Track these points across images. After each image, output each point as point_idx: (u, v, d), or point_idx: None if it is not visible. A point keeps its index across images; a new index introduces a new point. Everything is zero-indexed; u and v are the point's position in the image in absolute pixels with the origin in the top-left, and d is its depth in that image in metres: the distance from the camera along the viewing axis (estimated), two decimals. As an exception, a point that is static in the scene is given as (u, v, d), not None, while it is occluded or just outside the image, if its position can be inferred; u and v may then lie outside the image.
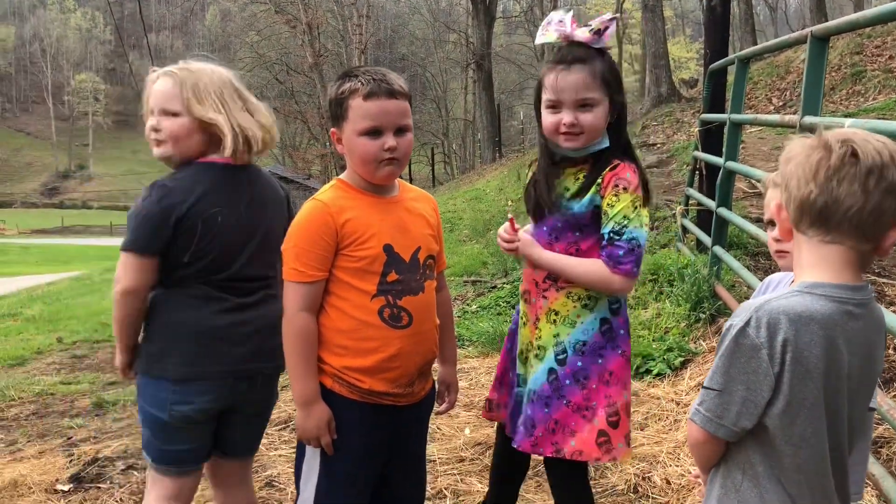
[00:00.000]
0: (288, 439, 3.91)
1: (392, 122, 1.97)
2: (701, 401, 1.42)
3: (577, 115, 2.11)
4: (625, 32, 43.69)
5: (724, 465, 1.48)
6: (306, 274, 1.97)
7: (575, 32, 2.13)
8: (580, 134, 2.13)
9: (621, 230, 2.07)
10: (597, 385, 2.15)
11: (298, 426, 2.02)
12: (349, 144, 2.00)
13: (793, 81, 13.40)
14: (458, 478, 3.33)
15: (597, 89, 2.11)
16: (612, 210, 2.08)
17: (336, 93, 2.01)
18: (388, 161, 1.98)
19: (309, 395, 1.99)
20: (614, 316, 2.19)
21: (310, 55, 30.02)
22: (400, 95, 1.98)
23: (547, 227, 2.23)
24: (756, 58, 5.32)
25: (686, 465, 3.26)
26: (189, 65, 2.24)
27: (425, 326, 2.09)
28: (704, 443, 1.45)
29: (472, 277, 7.98)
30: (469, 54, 30.97)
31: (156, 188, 2.15)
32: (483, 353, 5.35)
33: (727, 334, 1.38)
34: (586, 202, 2.12)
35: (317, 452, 2.03)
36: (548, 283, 2.22)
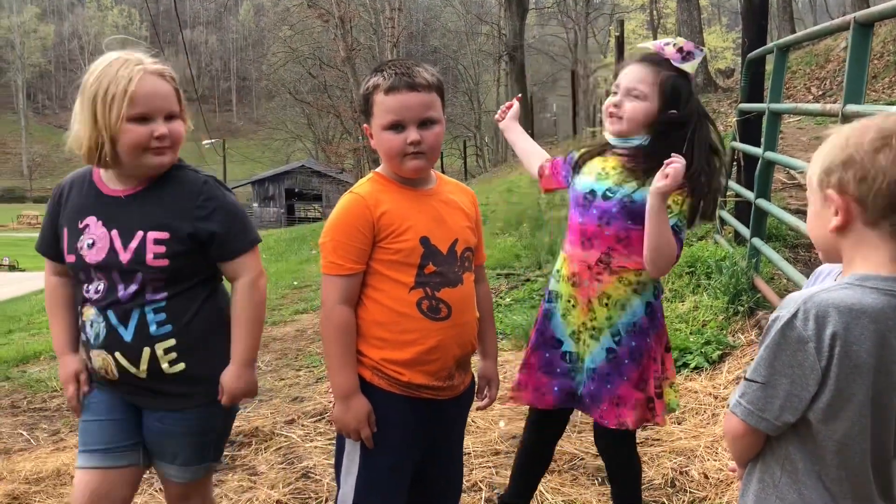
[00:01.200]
0: (323, 431, 3.94)
1: (414, 115, 1.96)
2: (742, 392, 1.39)
3: (623, 100, 2.34)
4: (659, 23, 43.20)
5: (761, 460, 1.46)
6: (344, 267, 1.98)
7: (666, 49, 2.35)
8: (620, 118, 2.35)
9: (681, 225, 2.27)
10: (647, 362, 2.38)
11: (337, 419, 2.02)
12: (377, 139, 2.02)
13: (832, 70, 13.13)
14: (493, 470, 3.32)
15: (649, 87, 2.32)
16: (675, 205, 2.25)
17: (363, 89, 2.04)
18: (413, 155, 1.98)
19: (347, 388, 1.99)
20: (655, 300, 2.42)
21: (342, 49, 30.16)
22: (422, 88, 1.96)
23: (597, 211, 2.35)
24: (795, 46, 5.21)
25: (724, 459, 3.22)
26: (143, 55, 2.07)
27: (464, 318, 2.08)
28: (743, 436, 1.42)
29: (505, 270, 7.95)
30: (501, 46, 30.87)
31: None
32: (517, 347, 5.32)
33: (773, 326, 1.35)
34: (643, 193, 2.26)
35: (357, 446, 2.03)
36: (600, 267, 2.35)
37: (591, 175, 2.42)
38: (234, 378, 2.13)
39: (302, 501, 3.17)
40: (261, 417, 4.23)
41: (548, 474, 3.27)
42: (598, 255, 2.35)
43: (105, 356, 2.08)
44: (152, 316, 2.06)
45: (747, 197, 5.38)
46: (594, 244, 2.36)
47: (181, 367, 2.09)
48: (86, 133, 2.00)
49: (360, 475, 2.03)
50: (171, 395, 2.12)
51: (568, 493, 3.09)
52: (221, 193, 2.14)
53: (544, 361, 2.50)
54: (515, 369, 4.65)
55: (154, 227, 2.05)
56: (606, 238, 2.34)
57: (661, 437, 3.57)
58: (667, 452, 3.37)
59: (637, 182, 2.31)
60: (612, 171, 2.38)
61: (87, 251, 2.06)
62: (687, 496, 3.02)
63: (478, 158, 45.43)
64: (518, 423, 3.81)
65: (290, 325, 7.64)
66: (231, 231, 2.11)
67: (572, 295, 2.43)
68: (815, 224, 1.46)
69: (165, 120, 2.05)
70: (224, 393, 2.14)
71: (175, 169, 2.13)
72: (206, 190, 2.10)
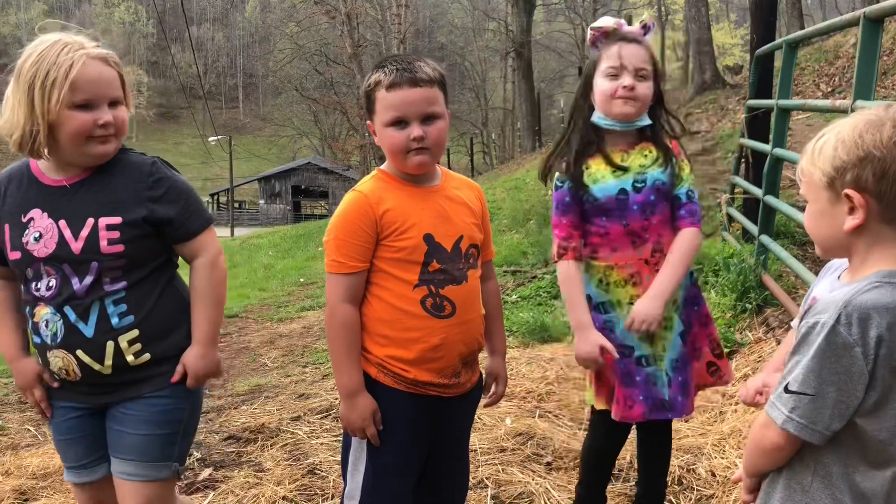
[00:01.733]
0: (329, 427, 3.93)
1: (416, 111, 1.94)
2: (792, 407, 1.33)
3: (635, 82, 2.29)
4: (667, 19, 43.06)
5: (788, 468, 1.42)
6: (346, 265, 1.97)
7: (633, 28, 2.38)
8: (636, 100, 2.30)
9: (693, 190, 2.37)
10: (698, 329, 2.45)
11: (343, 417, 2.02)
12: (380, 136, 2.00)
13: (842, 67, 13.05)
14: (499, 468, 3.31)
15: (649, 65, 2.33)
16: (684, 173, 2.36)
17: (365, 86, 2.02)
18: (416, 151, 1.96)
19: (352, 386, 1.99)
20: (695, 270, 2.50)
21: (349, 45, 30.13)
22: (425, 83, 1.94)
23: (637, 206, 2.33)
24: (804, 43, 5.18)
25: (731, 457, 3.20)
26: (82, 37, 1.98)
27: (469, 316, 2.07)
28: (784, 448, 1.38)
29: (511, 267, 7.94)
30: (509, 42, 30.83)
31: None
32: (523, 344, 5.31)
33: (812, 333, 1.31)
34: (667, 173, 2.35)
35: (363, 443, 2.03)
36: (657, 256, 2.35)
37: (605, 178, 2.34)
38: (196, 358, 2.08)
39: (308, 498, 3.16)
40: (267, 414, 4.23)
41: (554, 471, 3.27)
42: (652, 246, 2.34)
43: (65, 356, 1.99)
44: (113, 308, 1.98)
45: (755, 194, 5.36)
46: (645, 238, 2.34)
47: (146, 357, 2.03)
48: (20, 120, 1.90)
49: (366, 472, 2.03)
50: (134, 383, 2.05)
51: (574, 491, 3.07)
52: (171, 174, 2.08)
53: (622, 374, 2.35)
54: (522, 366, 4.68)
55: (105, 212, 1.96)
56: (655, 227, 2.34)
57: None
58: (674, 450, 3.35)
59: (658, 162, 2.35)
60: (622, 163, 2.34)
61: (35, 245, 1.96)
62: (694, 494, 3.01)
63: (484, 155, 45.40)
64: (525, 420, 3.80)
65: (296, 321, 7.65)
66: (187, 210, 2.06)
67: (635, 295, 2.34)
68: (822, 223, 1.43)
69: (110, 106, 1.95)
70: (188, 374, 2.07)
71: (119, 153, 2.05)
72: (155, 171, 2.04)
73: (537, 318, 5.55)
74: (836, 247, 1.43)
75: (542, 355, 4.89)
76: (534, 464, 3.35)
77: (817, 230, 1.45)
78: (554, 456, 3.41)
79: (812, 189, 1.43)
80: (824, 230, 1.43)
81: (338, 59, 36.33)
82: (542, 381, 4.35)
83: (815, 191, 1.42)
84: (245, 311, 8.62)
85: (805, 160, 1.44)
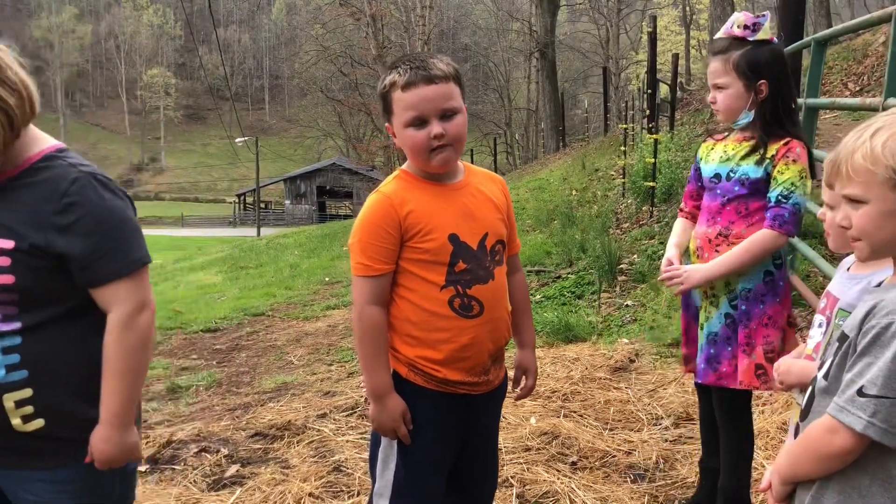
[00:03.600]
0: (355, 425, 3.96)
1: (435, 108, 1.92)
2: (874, 412, 1.27)
3: (715, 94, 2.55)
4: (692, 18, 42.71)
5: (840, 472, 1.38)
6: (372, 268, 1.96)
7: (733, 29, 2.50)
8: (718, 110, 2.56)
9: (789, 195, 2.41)
10: (756, 326, 2.50)
11: (373, 420, 2.02)
12: (400, 137, 1.99)
13: (871, 66, 12.86)
14: (524, 466, 3.31)
15: (726, 75, 2.49)
16: (782, 177, 2.42)
17: (380, 88, 2.00)
18: (438, 149, 1.95)
19: (381, 388, 1.99)
20: (777, 269, 2.53)
21: (373, 47, 30.28)
22: (440, 79, 1.92)
23: (721, 191, 2.55)
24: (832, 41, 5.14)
25: (759, 458, 3.18)
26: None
27: (497, 314, 2.07)
28: (854, 454, 1.33)
29: (535, 267, 7.92)
30: (532, 43, 30.74)
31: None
32: (548, 343, 5.31)
33: (887, 333, 1.28)
34: (762, 169, 2.47)
35: (393, 441, 2.03)
36: (720, 239, 2.53)
37: (715, 160, 2.62)
38: (101, 441, 1.68)
39: (334, 495, 3.19)
40: (293, 411, 4.26)
41: (579, 471, 3.27)
42: (720, 228, 2.54)
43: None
44: (1, 357, 1.59)
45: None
46: (717, 220, 2.56)
47: (39, 423, 1.65)
48: None
49: (397, 470, 2.03)
50: (28, 452, 1.67)
51: (600, 490, 3.08)
52: (95, 196, 1.63)
53: (694, 335, 2.69)
54: (546, 366, 4.68)
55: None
56: (728, 213, 2.53)
57: (694, 436, 3.53)
58: (700, 451, 3.34)
59: (749, 158, 2.50)
60: (731, 152, 2.57)
61: None
62: (721, 495, 2.99)
63: (508, 156, 45.32)
64: (550, 419, 3.80)
65: (321, 320, 7.69)
66: (99, 249, 1.62)
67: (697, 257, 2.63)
68: (886, 224, 1.35)
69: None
70: (93, 456, 1.70)
71: (44, 160, 1.65)
72: (72, 191, 1.60)
73: (562, 318, 5.54)
74: (892, 249, 1.39)
75: (566, 355, 4.89)
76: (559, 463, 3.35)
77: (877, 232, 1.37)
78: (579, 455, 3.41)
79: (873, 189, 1.35)
80: (889, 232, 1.36)
81: (362, 60, 36.53)
82: (567, 381, 4.35)
83: (877, 191, 1.34)
84: (271, 309, 8.70)
85: (861, 158, 1.35)
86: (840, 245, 1.69)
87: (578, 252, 7.81)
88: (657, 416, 3.83)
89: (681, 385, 4.18)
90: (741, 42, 2.49)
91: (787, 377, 1.80)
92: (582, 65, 48.55)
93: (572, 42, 46.46)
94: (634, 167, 10.04)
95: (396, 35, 35.16)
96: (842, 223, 1.42)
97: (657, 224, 8.11)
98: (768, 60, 2.49)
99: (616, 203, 10.56)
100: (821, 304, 1.73)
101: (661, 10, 39.27)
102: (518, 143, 47.94)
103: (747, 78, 2.48)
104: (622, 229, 8.81)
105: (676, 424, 3.72)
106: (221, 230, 54.68)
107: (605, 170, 13.89)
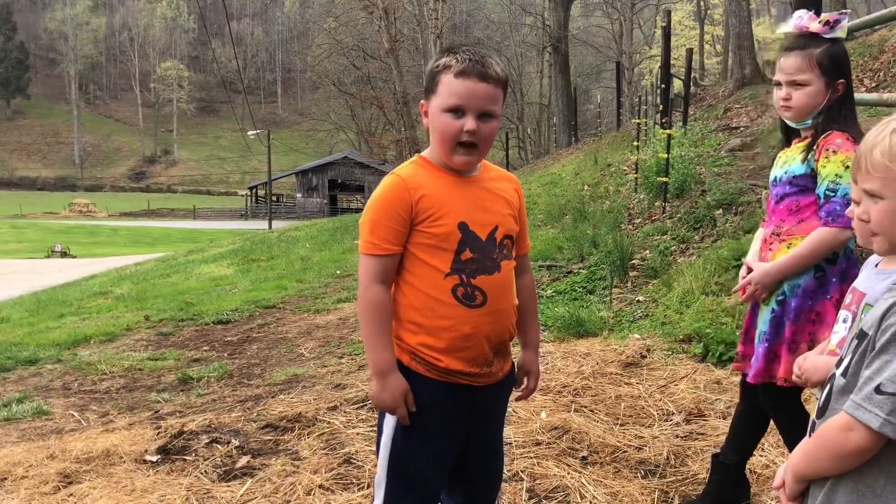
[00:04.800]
0: (365, 418, 3.97)
1: (478, 105, 1.94)
2: (891, 409, 1.27)
3: (790, 91, 2.47)
4: (706, 13, 42.45)
5: (854, 470, 1.37)
6: (379, 247, 1.97)
7: (809, 25, 2.43)
8: (790, 108, 2.49)
9: (835, 187, 2.37)
10: (804, 323, 2.48)
11: (374, 396, 2.01)
12: (433, 119, 1.99)
13: (887, 62, 12.74)
14: (534, 461, 3.31)
15: (808, 72, 2.42)
16: (825, 171, 2.39)
17: (432, 66, 2.01)
18: (465, 149, 1.96)
19: (384, 365, 1.99)
20: (829, 265, 2.47)
21: (386, 41, 30.24)
22: (493, 80, 1.94)
23: (777, 193, 2.58)
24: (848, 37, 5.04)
25: (771, 454, 3.17)
26: None
27: (501, 306, 2.06)
28: (870, 452, 1.32)
29: (547, 262, 7.91)
30: (545, 37, 30.64)
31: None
32: (559, 339, 5.30)
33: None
34: (805, 165, 2.46)
35: (396, 430, 2.03)
36: (773, 238, 2.56)
37: (778, 165, 2.62)
38: None
39: (344, 487, 3.19)
40: (304, 403, 4.27)
41: (590, 466, 3.26)
42: (773, 228, 2.57)
43: None
44: None
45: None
46: (772, 220, 2.59)
47: None
48: None
49: (393, 459, 2.03)
50: None
51: (611, 486, 3.07)
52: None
53: (752, 334, 2.68)
54: (557, 360, 4.67)
55: None
56: (780, 212, 2.55)
57: (705, 432, 3.52)
58: (712, 447, 3.33)
59: (798, 158, 2.49)
60: (790, 154, 2.56)
61: None
62: (732, 491, 2.97)
63: (520, 150, 45.20)
64: (560, 414, 3.79)
65: (332, 313, 7.71)
66: None
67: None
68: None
69: None
70: None
71: None
72: None
73: (573, 313, 5.52)
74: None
75: (577, 350, 4.88)
76: (569, 458, 3.34)
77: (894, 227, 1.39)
78: (590, 450, 3.40)
79: (889, 184, 1.37)
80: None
81: (375, 54, 36.52)
82: (578, 376, 4.34)
83: (894, 186, 1.37)
84: (282, 301, 8.72)
85: (880, 155, 1.38)
86: (865, 240, 1.68)
87: (590, 247, 7.79)
88: (668, 412, 3.81)
89: (692, 381, 4.17)
90: (817, 39, 2.42)
91: (812, 374, 1.78)
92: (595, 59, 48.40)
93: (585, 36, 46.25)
94: (647, 162, 10.00)
95: (409, 29, 35.12)
96: (861, 217, 1.44)
97: (669, 220, 8.08)
98: (846, 59, 2.45)
99: (628, 198, 10.53)
100: (847, 300, 1.72)
101: (676, 5, 39.05)
102: (530, 138, 47.81)
103: (829, 76, 2.42)
104: (634, 225, 8.78)
105: (688, 420, 3.71)
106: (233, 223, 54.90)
107: (618, 165, 13.84)
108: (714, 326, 4.69)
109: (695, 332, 4.77)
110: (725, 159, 9.93)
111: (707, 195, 7.94)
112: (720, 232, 6.88)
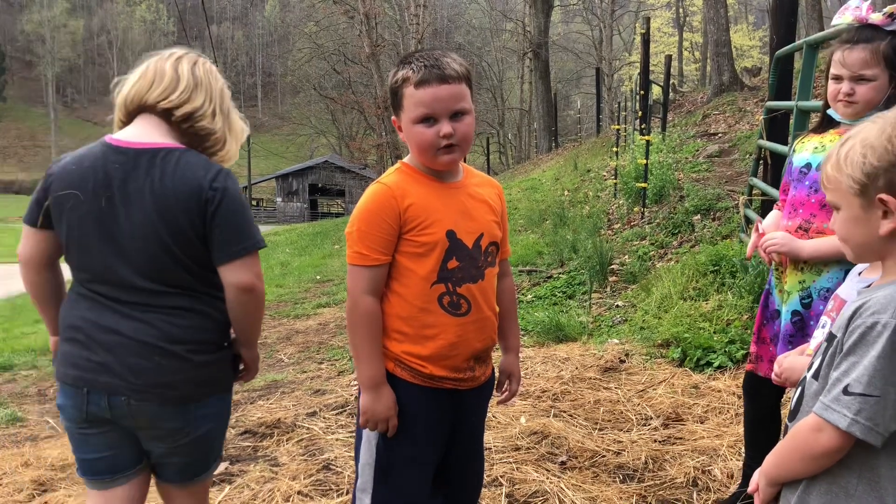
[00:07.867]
0: (345, 423, 3.95)
1: (446, 107, 1.93)
2: (858, 409, 1.29)
3: (854, 86, 2.35)
4: (685, 20, 42.81)
5: (827, 472, 1.39)
6: (369, 257, 1.96)
7: (869, 16, 2.35)
8: (855, 103, 2.36)
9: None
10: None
11: (367, 409, 2.00)
12: (408, 133, 1.98)
13: None
14: (513, 466, 3.31)
15: (875, 66, 2.32)
16: None
17: (391, 82, 2.00)
18: (446, 148, 1.95)
19: (376, 377, 1.98)
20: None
21: (367, 45, 30.19)
22: (453, 79, 1.93)
23: (809, 181, 2.46)
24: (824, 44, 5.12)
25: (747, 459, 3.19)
26: None
27: (484, 314, 2.07)
28: (840, 453, 1.34)
29: (527, 267, 7.93)
30: (526, 43, 30.75)
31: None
32: (539, 343, 5.31)
33: (872, 332, 1.30)
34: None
35: (377, 436, 2.03)
36: (800, 233, 2.44)
37: (808, 150, 2.52)
38: None
39: (323, 493, 3.18)
40: (283, 409, 4.25)
41: (569, 470, 3.27)
42: (800, 221, 2.45)
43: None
44: None
45: (773, 196, 5.31)
46: (799, 212, 2.47)
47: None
48: None
49: (382, 465, 2.03)
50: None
51: (589, 490, 3.08)
52: None
53: (772, 334, 2.63)
54: (537, 365, 4.68)
55: None
56: (812, 205, 2.44)
57: (683, 437, 3.54)
58: (689, 451, 3.35)
59: None
60: (829, 144, 2.45)
61: None
62: (711, 495, 3.00)
63: (500, 155, 45.34)
64: (539, 419, 3.80)
65: (312, 318, 7.68)
66: None
67: (779, 263, 2.56)
68: (855, 229, 1.41)
69: None
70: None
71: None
72: None
73: (552, 318, 5.54)
74: (870, 251, 1.42)
75: (557, 354, 4.90)
76: (548, 463, 3.35)
77: (851, 236, 1.43)
78: (568, 455, 3.41)
79: (841, 196, 1.41)
80: (858, 236, 1.41)
81: (356, 58, 36.47)
82: (557, 381, 4.35)
83: (844, 198, 1.41)
84: (261, 307, 8.66)
85: (830, 168, 1.42)
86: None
87: (570, 252, 7.83)
88: (646, 417, 3.84)
89: (670, 386, 4.19)
90: (880, 31, 2.32)
91: (790, 373, 1.80)
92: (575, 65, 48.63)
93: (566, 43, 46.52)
94: (626, 168, 10.08)
95: (390, 34, 35.10)
96: (832, 227, 1.48)
97: (648, 225, 8.13)
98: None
99: (608, 204, 10.59)
100: (829, 306, 1.74)
101: (655, 12, 39.32)
102: (511, 143, 47.97)
103: (893, 69, 2.31)
104: (613, 230, 8.83)
105: (666, 425, 3.73)
106: (213, 227, 54.24)
107: (597, 170, 13.92)
108: (692, 331, 4.73)
109: (673, 336, 4.81)
110: (703, 165, 10.02)
111: (685, 201, 8.02)
112: (698, 237, 6.94)
